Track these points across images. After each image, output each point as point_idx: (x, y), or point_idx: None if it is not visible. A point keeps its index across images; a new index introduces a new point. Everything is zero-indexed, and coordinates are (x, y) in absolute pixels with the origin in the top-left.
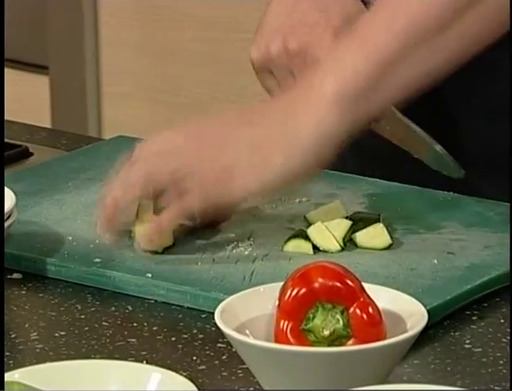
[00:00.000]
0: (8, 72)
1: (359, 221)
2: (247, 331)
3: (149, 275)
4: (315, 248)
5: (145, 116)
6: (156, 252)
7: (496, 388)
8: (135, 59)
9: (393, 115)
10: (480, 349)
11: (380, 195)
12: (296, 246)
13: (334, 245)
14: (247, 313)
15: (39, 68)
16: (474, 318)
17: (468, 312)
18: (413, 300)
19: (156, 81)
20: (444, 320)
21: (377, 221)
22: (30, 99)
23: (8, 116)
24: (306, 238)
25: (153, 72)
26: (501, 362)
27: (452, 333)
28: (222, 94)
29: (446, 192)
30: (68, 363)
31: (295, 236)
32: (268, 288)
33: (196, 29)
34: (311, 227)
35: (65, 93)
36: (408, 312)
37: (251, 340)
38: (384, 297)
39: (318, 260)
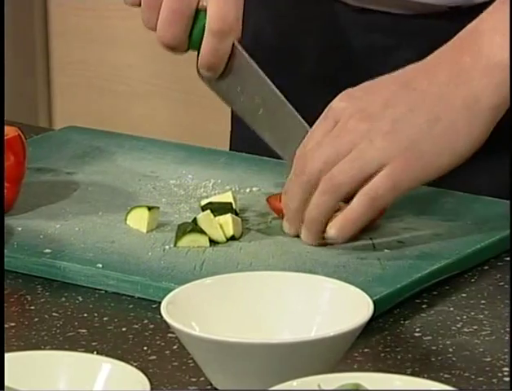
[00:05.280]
0: None
1: (214, 211)
2: (193, 323)
3: (99, 266)
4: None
5: (96, 107)
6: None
7: (445, 375)
8: (85, 48)
9: None
10: (430, 338)
11: None
12: (191, 241)
13: (221, 236)
14: (194, 304)
15: None
16: (423, 306)
17: (418, 300)
18: (359, 290)
19: (106, 70)
20: (394, 309)
21: (230, 211)
22: None
23: None
24: (202, 231)
25: (103, 61)
26: (451, 349)
27: (401, 321)
28: (173, 83)
29: None
30: (17, 354)
31: (190, 231)
32: (215, 280)
33: None
34: (200, 216)
35: (15, 83)
36: (354, 303)
37: (195, 333)
38: (329, 288)
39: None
